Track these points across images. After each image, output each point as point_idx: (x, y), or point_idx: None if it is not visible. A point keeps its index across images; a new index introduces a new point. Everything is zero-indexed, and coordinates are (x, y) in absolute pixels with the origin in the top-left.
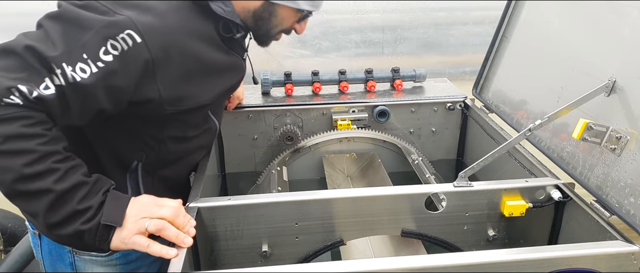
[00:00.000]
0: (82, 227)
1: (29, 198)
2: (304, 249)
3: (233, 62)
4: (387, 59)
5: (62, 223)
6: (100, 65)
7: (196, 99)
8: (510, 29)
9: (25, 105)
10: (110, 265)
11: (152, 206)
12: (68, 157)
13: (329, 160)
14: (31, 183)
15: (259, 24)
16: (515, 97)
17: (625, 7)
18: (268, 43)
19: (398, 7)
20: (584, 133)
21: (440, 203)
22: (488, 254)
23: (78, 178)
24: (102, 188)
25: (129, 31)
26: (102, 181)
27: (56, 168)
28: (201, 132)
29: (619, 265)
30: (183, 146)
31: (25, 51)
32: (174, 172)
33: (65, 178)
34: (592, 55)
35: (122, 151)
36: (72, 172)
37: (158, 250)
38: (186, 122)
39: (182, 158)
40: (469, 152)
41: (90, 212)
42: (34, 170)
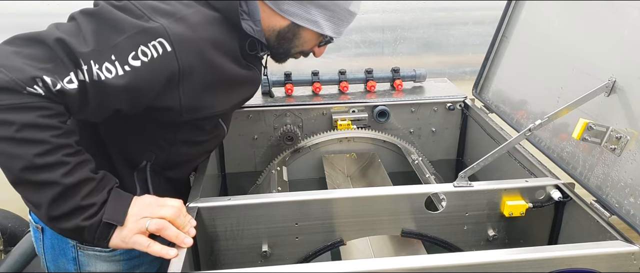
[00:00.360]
0: (83, 223)
1: (35, 188)
2: (304, 249)
3: (252, 76)
4: (387, 59)
5: (64, 217)
6: (127, 69)
7: (213, 109)
8: (510, 29)
9: (46, 96)
10: (113, 260)
11: (154, 206)
12: (78, 151)
13: (329, 160)
14: (40, 173)
15: (282, 43)
16: (515, 97)
17: (625, 7)
18: (285, 61)
19: (398, 7)
20: (584, 133)
21: (440, 203)
22: (488, 254)
23: (85, 173)
24: (107, 186)
25: (160, 39)
26: (108, 179)
27: (66, 161)
28: (211, 138)
29: (619, 265)
30: (192, 150)
31: (56, 43)
32: (179, 173)
33: (73, 173)
34: (592, 55)
35: (133, 150)
36: (80, 166)
37: (158, 250)
38: (199, 127)
39: (189, 161)
40: (469, 152)
41: (93, 209)
42: (44, 161)
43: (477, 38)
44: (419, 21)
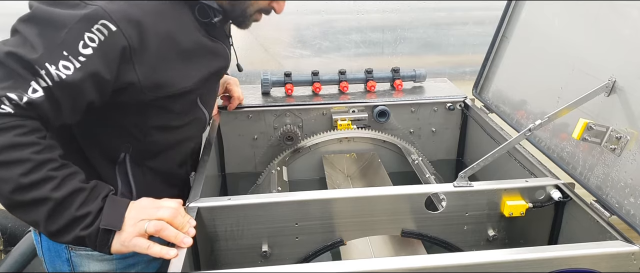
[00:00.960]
0: (81, 233)
1: (28, 208)
2: (304, 249)
3: (214, 48)
4: (387, 59)
5: (62, 231)
6: (82, 60)
7: (176, 85)
8: (510, 29)
9: (17, 113)
10: (105, 260)
11: (151, 208)
12: (64, 164)
13: (329, 160)
14: (29, 192)
15: (234, 4)
16: (515, 97)
17: (625, 7)
18: (247, 24)
19: (398, 7)
20: (584, 133)
21: (440, 203)
22: (488, 254)
23: (75, 184)
24: (101, 194)
25: (103, 21)
26: (101, 186)
27: (53, 176)
28: (188, 122)
29: (619, 265)
30: (169, 136)
31: (7, 58)
32: (163, 163)
33: (63, 186)
34: (592, 55)
35: (108, 143)
36: (69, 179)
37: (158, 251)
38: (169, 110)
39: (170, 149)
40: (469, 152)
41: (89, 218)
42: (30, 179)
43: (477, 38)
44: (419, 21)
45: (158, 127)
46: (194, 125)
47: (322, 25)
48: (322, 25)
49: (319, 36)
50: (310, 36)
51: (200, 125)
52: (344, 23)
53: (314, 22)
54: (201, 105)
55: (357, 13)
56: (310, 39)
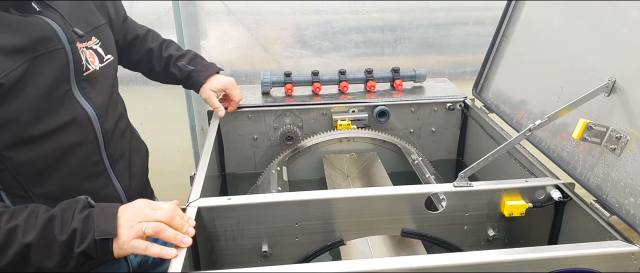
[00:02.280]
0: (79, 250)
1: (19, 265)
2: (304, 249)
3: (4, 19)
4: (387, 59)
5: (63, 260)
6: None
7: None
8: (510, 29)
9: None
10: None
11: (147, 209)
12: (15, 210)
13: (329, 160)
14: (5, 253)
15: None
16: (515, 97)
17: (625, 7)
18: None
19: (398, 7)
20: (584, 133)
21: (440, 203)
22: (488, 254)
23: (42, 217)
24: (75, 209)
25: None
26: (70, 203)
27: (13, 226)
28: (56, 127)
29: (619, 265)
30: (37, 152)
31: None
32: (54, 185)
33: (30, 227)
34: (592, 55)
35: None
36: (32, 218)
37: (157, 251)
38: (10, 120)
39: (52, 166)
40: (469, 152)
41: (78, 234)
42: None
43: (477, 38)
44: (419, 21)
45: (10, 145)
46: (71, 128)
47: (322, 25)
48: (322, 25)
49: (319, 36)
50: (310, 36)
51: (80, 126)
52: (344, 23)
53: (314, 22)
54: (78, 100)
55: (357, 13)
56: (310, 39)
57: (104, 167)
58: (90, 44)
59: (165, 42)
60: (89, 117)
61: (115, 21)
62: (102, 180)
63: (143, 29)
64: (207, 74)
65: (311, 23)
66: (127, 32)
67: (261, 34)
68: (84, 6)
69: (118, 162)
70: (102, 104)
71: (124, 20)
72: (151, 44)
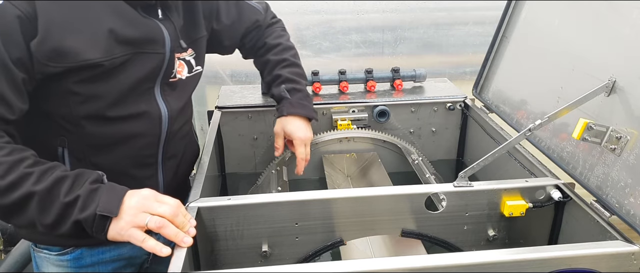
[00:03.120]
0: (78, 217)
1: (16, 209)
2: (304, 249)
3: (128, 14)
4: (387, 59)
5: (58, 221)
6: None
7: (80, 53)
8: (510, 29)
9: None
10: (60, 265)
11: (153, 201)
12: (39, 161)
13: (329, 160)
14: (11, 193)
15: None
16: (515, 97)
17: (625, 7)
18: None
19: (398, 7)
20: (584, 133)
21: (440, 203)
22: (488, 254)
23: (56, 174)
24: (88, 179)
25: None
26: (86, 172)
27: (29, 172)
28: (131, 115)
29: (619, 265)
30: (107, 129)
31: None
32: (110, 161)
33: (43, 179)
34: (592, 55)
35: (41, 136)
36: (48, 171)
37: (152, 245)
38: (97, 96)
39: (114, 145)
40: (469, 152)
41: (79, 202)
42: (8, 181)
43: (477, 38)
44: (419, 21)
45: (89, 117)
46: (142, 120)
47: (322, 25)
48: (322, 25)
49: (319, 36)
50: (310, 36)
51: (150, 122)
52: (344, 23)
53: (314, 22)
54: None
55: (357, 13)
56: (310, 39)
57: (155, 161)
58: (185, 55)
59: (286, 61)
60: (160, 116)
61: (232, 28)
62: (150, 171)
63: (277, 39)
64: (291, 111)
65: (311, 23)
66: (257, 39)
67: None
68: (193, 20)
69: (170, 160)
70: (176, 108)
71: (255, 28)
72: (272, 56)
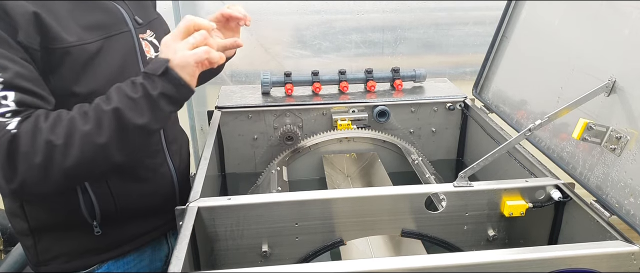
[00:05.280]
0: (156, 91)
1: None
2: (304, 249)
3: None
4: (387, 59)
5: (152, 110)
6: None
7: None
8: (510, 29)
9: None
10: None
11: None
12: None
13: (329, 160)
14: (103, 124)
15: None
16: (515, 97)
17: (625, 7)
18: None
19: (398, 7)
20: (584, 133)
21: (440, 203)
22: (488, 254)
23: (111, 91)
24: (132, 78)
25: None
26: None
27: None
28: None
29: (619, 265)
30: None
31: None
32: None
33: (108, 100)
34: (592, 55)
35: None
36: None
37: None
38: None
39: None
40: (469, 152)
41: (146, 83)
42: (93, 122)
43: (477, 38)
44: (419, 21)
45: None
46: None
47: (322, 25)
48: (322, 25)
49: (319, 36)
50: (310, 36)
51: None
52: (344, 23)
53: (314, 22)
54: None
55: (357, 13)
56: (310, 39)
57: (162, 146)
58: (146, 36)
59: None
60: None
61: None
62: (160, 158)
63: None
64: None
65: (311, 23)
66: None
67: (261, 34)
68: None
69: (172, 144)
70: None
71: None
72: None
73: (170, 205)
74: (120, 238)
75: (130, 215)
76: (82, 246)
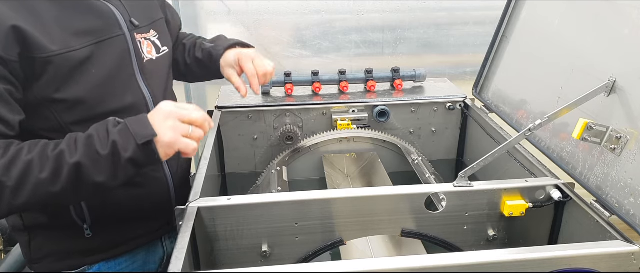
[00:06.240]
0: (126, 156)
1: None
2: (304, 249)
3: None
4: (387, 59)
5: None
6: None
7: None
8: (510, 29)
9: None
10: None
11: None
12: (58, 141)
13: (329, 160)
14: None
15: None
16: (515, 97)
17: (625, 7)
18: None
19: (398, 7)
20: (584, 133)
21: (440, 203)
22: (488, 254)
23: (81, 139)
24: (108, 126)
25: None
26: (102, 124)
27: (59, 151)
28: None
29: (619, 265)
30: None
31: None
32: None
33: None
34: (592, 55)
35: None
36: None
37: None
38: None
39: None
40: (469, 152)
41: (119, 145)
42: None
43: (477, 38)
44: (419, 21)
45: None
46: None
47: (322, 25)
48: (322, 25)
49: (319, 36)
50: (310, 36)
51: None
52: (344, 23)
53: (314, 22)
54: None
55: (357, 13)
56: (310, 39)
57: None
58: (148, 36)
59: (200, 38)
60: (146, 104)
61: (172, 25)
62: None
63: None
64: (225, 45)
65: (311, 23)
66: (177, 40)
67: (261, 34)
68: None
69: None
70: (159, 93)
71: (179, 29)
72: (187, 41)
73: (165, 210)
74: (112, 240)
75: (122, 219)
76: (73, 247)
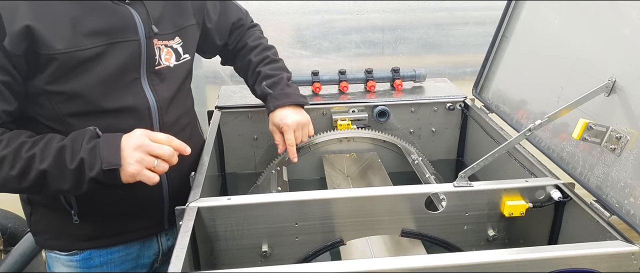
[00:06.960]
0: (90, 175)
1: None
2: (304, 249)
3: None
4: (387, 59)
5: (76, 185)
6: None
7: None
8: (510, 29)
9: None
10: (70, 266)
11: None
12: (36, 140)
13: (329, 160)
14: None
15: None
16: (515, 97)
17: (625, 7)
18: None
19: (398, 7)
20: (584, 133)
21: (440, 203)
22: (488, 254)
23: (55, 148)
24: (83, 139)
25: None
26: (80, 134)
27: (32, 154)
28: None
29: (619, 265)
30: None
31: None
32: None
33: (45, 156)
34: (592, 55)
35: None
36: (47, 147)
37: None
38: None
39: None
40: (469, 152)
41: (86, 163)
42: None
43: (477, 38)
44: (419, 21)
45: (73, 114)
46: (130, 113)
47: (322, 25)
48: (322, 25)
49: (319, 36)
50: (310, 36)
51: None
52: (344, 23)
53: (314, 22)
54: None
55: (357, 13)
56: (310, 39)
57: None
58: (171, 43)
59: (267, 58)
60: (149, 107)
61: (220, 24)
62: None
63: (258, 40)
64: (277, 104)
65: (311, 23)
66: (239, 40)
67: None
68: (177, 6)
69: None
70: (166, 98)
71: (239, 26)
72: (253, 57)
73: (157, 210)
74: (101, 231)
75: (109, 213)
76: (64, 229)
